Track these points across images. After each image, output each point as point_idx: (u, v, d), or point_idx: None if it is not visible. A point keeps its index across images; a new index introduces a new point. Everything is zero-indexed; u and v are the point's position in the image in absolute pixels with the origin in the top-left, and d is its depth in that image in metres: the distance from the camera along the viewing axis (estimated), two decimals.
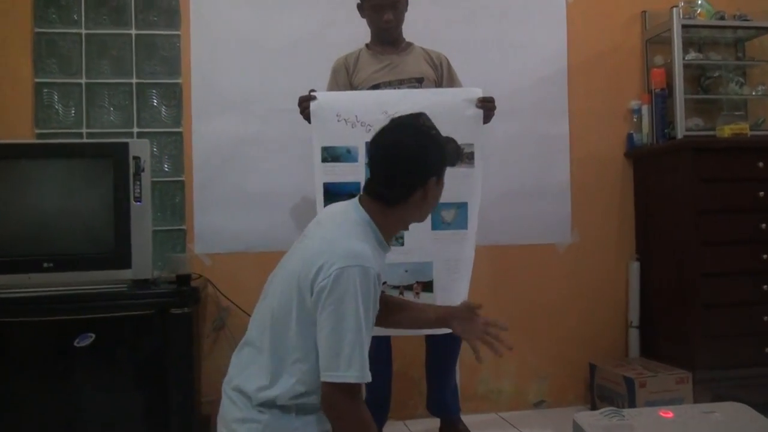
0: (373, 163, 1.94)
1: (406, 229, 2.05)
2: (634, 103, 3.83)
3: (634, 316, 3.73)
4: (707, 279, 3.36)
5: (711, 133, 3.64)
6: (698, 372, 3.31)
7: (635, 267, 3.76)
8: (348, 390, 1.71)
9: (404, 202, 1.89)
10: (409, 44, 3.15)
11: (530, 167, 3.72)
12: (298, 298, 1.76)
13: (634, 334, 3.73)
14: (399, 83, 2.99)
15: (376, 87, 3.00)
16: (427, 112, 2.74)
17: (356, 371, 1.68)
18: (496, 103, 2.86)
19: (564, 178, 3.76)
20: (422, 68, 3.06)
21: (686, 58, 3.67)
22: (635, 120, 3.82)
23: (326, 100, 2.82)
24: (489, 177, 3.32)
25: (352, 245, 1.76)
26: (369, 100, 2.83)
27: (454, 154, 2.07)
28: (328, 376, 1.70)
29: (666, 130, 3.68)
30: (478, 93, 2.82)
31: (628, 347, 3.76)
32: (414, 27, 3.21)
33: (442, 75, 3.09)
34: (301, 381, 1.77)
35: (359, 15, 3.11)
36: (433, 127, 1.97)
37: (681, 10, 3.62)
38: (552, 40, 3.78)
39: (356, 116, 2.76)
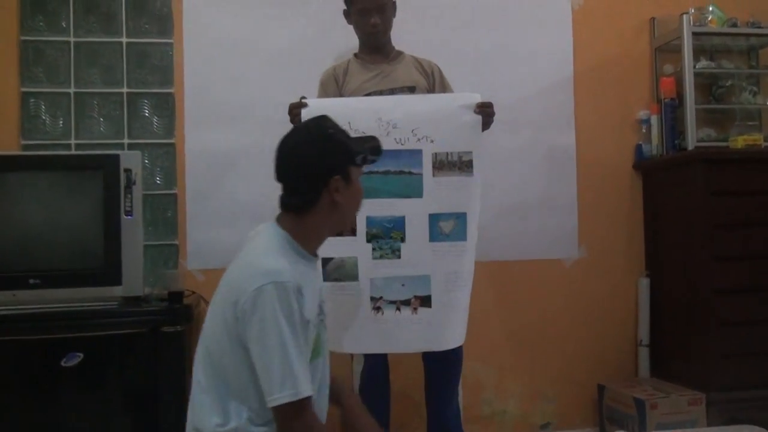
0: (275, 172, 1.97)
1: (333, 235, 2.06)
2: (642, 113, 3.84)
3: (644, 334, 3.73)
4: (720, 296, 3.35)
5: (723, 144, 3.65)
6: (712, 393, 3.30)
7: (645, 283, 3.76)
8: (290, 410, 1.74)
9: (314, 207, 1.92)
10: (399, 53, 3.16)
11: (535, 179, 3.73)
12: (227, 326, 1.80)
13: (644, 353, 3.72)
14: (390, 92, 2.99)
15: (367, 96, 2.99)
16: (423, 118, 2.77)
17: (289, 389, 1.72)
18: (498, 114, 2.86)
19: (570, 190, 3.76)
20: (414, 77, 3.06)
21: (697, 67, 3.68)
22: (644, 130, 3.83)
23: (318, 107, 2.79)
24: (492, 190, 3.33)
25: (265, 263, 1.80)
26: (362, 107, 2.84)
27: (369, 150, 2.08)
28: (269, 402, 1.74)
29: (676, 141, 3.69)
30: (476, 98, 2.81)
31: (637, 367, 3.75)
32: (410, 35, 3.23)
33: (434, 83, 3.09)
34: (251, 409, 1.81)
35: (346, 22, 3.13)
36: (332, 126, 1.98)
37: (691, 17, 3.63)
38: (557, 48, 3.79)
39: (349, 123, 2.68)
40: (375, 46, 3.09)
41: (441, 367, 2.90)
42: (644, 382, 3.57)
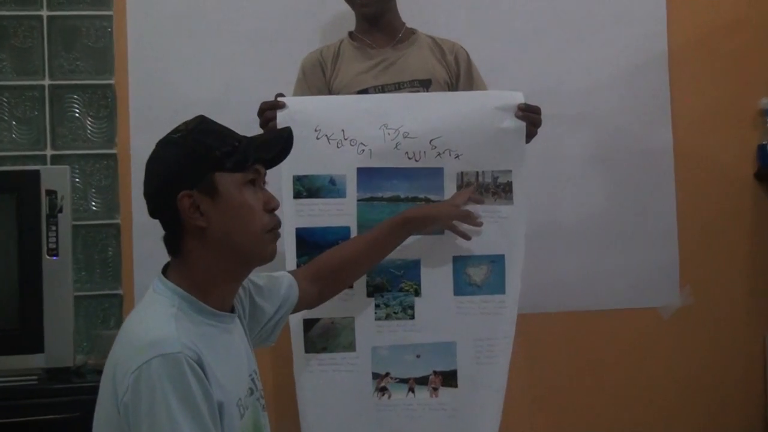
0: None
1: (243, 273, 2.02)
2: (766, 101, 3.84)
3: None
4: None
5: None
6: None
7: None
8: None
9: (184, 243, 1.87)
10: (412, 32, 3.18)
11: (618, 197, 3.73)
12: (112, 429, 1.76)
13: None
14: (395, 88, 3.02)
15: (363, 94, 3.02)
16: (446, 125, 2.75)
17: None
18: (561, 106, 2.86)
19: (667, 210, 3.76)
20: (429, 66, 3.08)
21: None
22: None
23: (300, 108, 2.80)
24: (558, 212, 3.33)
25: (145, 333, 1.75)
26: (362, 108, 2.84)
27: (255, 147, 2.00)
28: None
29: None
30: (518, 98, 2.79)
31: None
32: (439, 4, 3.22)
33: (458, 75, 3.11)
34: None
35: None
36: (179, 130, 1.93)
37: None
38: (645, 13, 3.79)
39: (343, 131, 2.74)
40: (372, 19, 3.12)
41: None
42: None
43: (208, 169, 1.87)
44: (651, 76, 3.78)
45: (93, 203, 3.49)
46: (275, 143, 2.05)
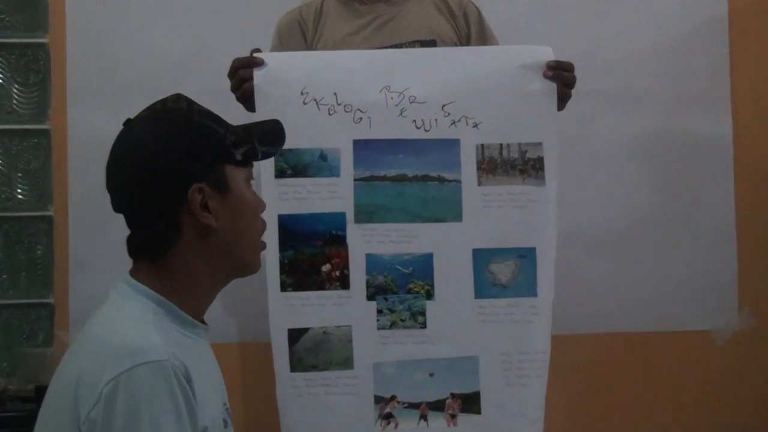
0: (111, 199, 1.88)
1: (226, 281, 1.96)
2: None
3: None
4: None
5: None
6: None
7: None
8: None
9: (176, 244, 1.83)
10: None
11: (663, 196, 3.69)
12: None
13: None
14: None
15: None
16: (462, 87, 2.77)
17: None
18: (597, 82, 2.80)
19: (725, 214, 3.71)
20: (433, 23, 3.04)
21: None
22: None
23: (282, 66, 2.77)
24: (588, 212, 3.30)
25: (120, 340, 1.71)
26: (358, 67, 2.81)
27: (258, 137, 1.94)
28: None
29: None
30: (547, 54, 2.76)
31: None
32: None
33: (468, 34, 3.07)
34: None
35: None
36: (177, 109, 1.88)
37: None
38: None
39: (336, 95, 2.72)
40: None
41: None
42: None
43: (218, 160, 1.85)
44: (707, 45, 3.73)
45: (19, 191, 3.47)
46: (278, 134, 2.01)
